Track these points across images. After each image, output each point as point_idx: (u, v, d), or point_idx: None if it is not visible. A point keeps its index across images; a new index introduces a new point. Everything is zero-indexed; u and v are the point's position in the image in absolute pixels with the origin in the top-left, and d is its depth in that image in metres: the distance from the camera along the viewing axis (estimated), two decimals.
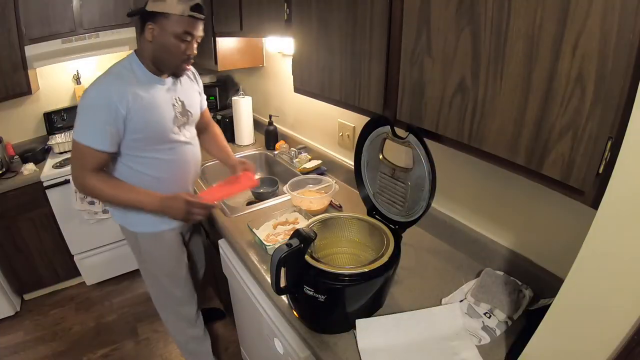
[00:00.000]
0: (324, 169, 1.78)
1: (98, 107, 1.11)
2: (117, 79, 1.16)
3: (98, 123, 1.12)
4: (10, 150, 2.29)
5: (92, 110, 1.11)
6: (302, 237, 0.87)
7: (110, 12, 2.20)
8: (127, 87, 1.15)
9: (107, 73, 1.17)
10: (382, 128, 0.98)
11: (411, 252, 1.21)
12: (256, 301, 1.14)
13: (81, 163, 1.16)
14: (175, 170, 1.33)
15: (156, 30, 1.14)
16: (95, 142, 1.13)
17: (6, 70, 2.02)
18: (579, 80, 0.54)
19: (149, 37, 1.15)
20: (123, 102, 1.13)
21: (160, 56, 1.18)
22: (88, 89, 1.13)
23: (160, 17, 1.12)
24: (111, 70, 1.18)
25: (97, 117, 1.11)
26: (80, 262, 2.35)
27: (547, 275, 0.98)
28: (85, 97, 1.12)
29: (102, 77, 1.16)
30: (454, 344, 0.87)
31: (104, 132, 1.13)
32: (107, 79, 1.15)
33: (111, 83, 1.14)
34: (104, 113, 1.11)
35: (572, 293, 0.58)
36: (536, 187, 0.74)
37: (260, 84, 2.32)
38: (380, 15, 0.86)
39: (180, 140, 1.30)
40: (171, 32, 1.13)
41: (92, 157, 1.15)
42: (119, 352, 1.99)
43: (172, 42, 1.15)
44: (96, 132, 1.12)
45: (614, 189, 0.50)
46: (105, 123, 1.12)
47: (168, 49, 1.16)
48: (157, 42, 1.15)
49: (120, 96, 1.12)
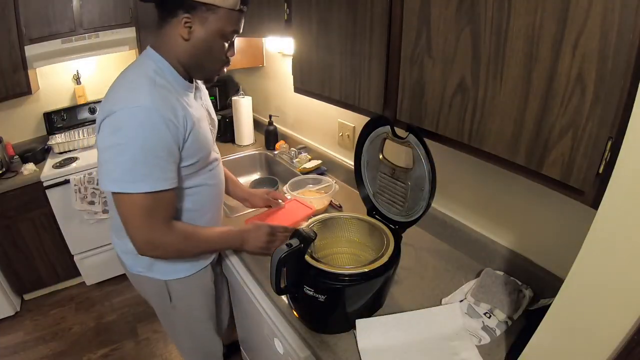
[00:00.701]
0: (324, 169, 1.78)
1: (155, 131, 0.82)
2: (156, 87, 0.85)
3: (160, 151, 0.83)
4: (10, 150, 2.29)
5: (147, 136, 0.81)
6: (302, 237, 0.87)
7: (110, 12, 2.20)
8: (171, 96, 0.87)
9: (137, 80, 0.86)
10: (382, 128, 0.98)
11: (411, 252, 1.21)
12: (256, 301, 1.14)
13: (150, 221, 0.86)
14: (215, 197, 1.11)
15: (196, 26, 0.86)
16: (165, 180, 0.85)
17: (6, 70, 2.02)
18: (579, 80, 0.54)
19: (185, 33, 0.86)
20: (178, 117, 0.86)
21: (198, 59, 0.91)
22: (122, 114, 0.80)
23: (203, 10, 0.84)
24: (139, 75, 0.87)
25: (158, 144, 0.82)
26: (80, 262, 2.35)
27: (547, 275, 0.98)
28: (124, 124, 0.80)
29: (134, 91, 0.83)
30: (454, 344, 0.87)
31: (169, 162, 0.86)
32: (145, 88, 0.83)
33: (153, 92, 0.84)
34: (165, 135, 0.83)
35: (572, 293, 0.58)
36: (536, 187, 0.74)
37: (260, 84, 2.32)
38: (380, 15, 0.86)
39: (217, 158, 1.09)
40: (217, 30, 0.87)
41: (165, 203, 0.88)
42: (119, 352, 1.99)
43: (217, 42, 0.90)
44: (161, 166, 0.84)
45: (614, 189, 0.50)
46: (169, 149, 0.85)
47: (210, 51, 0.90)
48: (197, 41, 0.88)
49: (172, 109, 0.85)
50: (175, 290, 1.15)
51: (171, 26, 0.87)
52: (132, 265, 1.12)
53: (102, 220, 2.25)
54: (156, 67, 0.89)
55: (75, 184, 2.09)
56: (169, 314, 1.22)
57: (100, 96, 2.58)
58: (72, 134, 2.46)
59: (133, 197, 0.83)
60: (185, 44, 0.89)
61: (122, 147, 0.81)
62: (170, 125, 0.84)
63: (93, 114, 2.55)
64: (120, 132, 0.81)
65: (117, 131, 0.81)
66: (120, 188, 0.83)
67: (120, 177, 0.82)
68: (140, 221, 0.86)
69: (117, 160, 0.82)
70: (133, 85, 0.85)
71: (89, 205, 2.16)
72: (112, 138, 0.82)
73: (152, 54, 0.91)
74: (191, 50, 0.90)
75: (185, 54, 0.90)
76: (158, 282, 1.12)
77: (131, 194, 0.83)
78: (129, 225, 0.88)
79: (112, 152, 0.82)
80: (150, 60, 0.91)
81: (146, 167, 0.82)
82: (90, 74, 2.57)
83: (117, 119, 0.81)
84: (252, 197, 1.37)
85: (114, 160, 0.82)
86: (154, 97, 0.83)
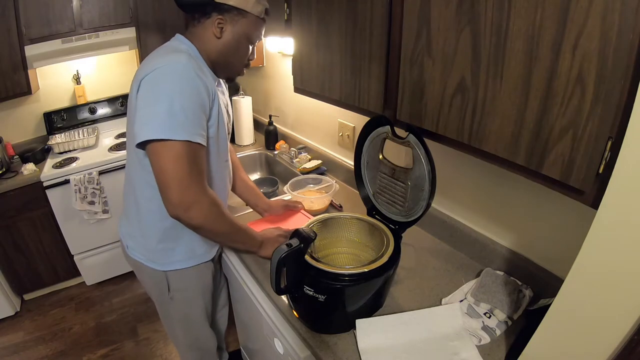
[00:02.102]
0: (324, 169, 1.78)
1: (193, 85, 0.87)
2: (193, 59, 0.92)
3: (195, 106, 0.87)
4: (10, 150, 2.29)
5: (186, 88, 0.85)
6: (302, 237, 0.87)
7: (110, 12, 2.20)
8: (204, 74, 0.93)
9: (174, 50, 0.93)
10: (382, 128, 0.98)
11: (411, 252, 1.21)
12: (256, 301, 1.14)
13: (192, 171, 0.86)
14: (222, 191, 1.13)
15: (227, 27, 0.96)
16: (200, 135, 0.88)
17: (6, 70, 2.02)
18: (579, 80, 0.54)
19: (217, 32, 0.96)
20: (210, 86, 0.92)
21: (225, 56, 1.00)
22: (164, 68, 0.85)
23: (235, 14, 0.95)
24: (174, 47, 0.95)
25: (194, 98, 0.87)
26: (80, 262, 2.35)
27: (547, 275, 0.98)
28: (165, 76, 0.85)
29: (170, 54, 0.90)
30: (454, 344, 0.87)
31: (202, 119, 0.89)
32: (182, 54, 0.89)
33: (190, 59, 0.90)
34: (201, 92, 0.88)
35: (572, 293, 0.58)
36: (536, 187, 0.74)
37: (260, 84, 2.32)
38: (380, 15, 0.86)
39: (228, 157, 1.13)
40: (245, 33, 0.98)
41: (201, 158, 0.89)
42: (119, 352, 1.99)
43: (244, 44, 1.00)
44: (196, 122, 0.87)
45: (614, 189, 0.50)
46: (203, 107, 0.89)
47: (237, 51, 1.00)
48: (227, 40, 0.98)
49: (205, 77, 0.91)
50: (174, 282, 1.15)
51: (204, 26, 0.97)
52: (135, 250, 1.12)
53: (102, 220, 2.25)
54: (188, 49, 0.96)
55: (75, 184, 2.09)
56: (166, 305, 1.23)
57: (101, 96, 2.61)
58: (72, 134, 2.46)
59: (173, 144, 0.83)
60: (217, 41, 0.98)
61: (162, 97, 0.84)
62: (203, 86, 0.89)
63: (93, 114, 2.55)
64: (160, 84, 0.85)
65: (157, 84, 0.85)
66: (159, 135, 0.82)
67: (159, 125, 0.83)
68: (179, 171, 0.84)
69: (156, 110, 0.83)
70: (170, 52, 0.92)
71: (89, 205, 2.16)
72: (152, 91, 0.86)
73: (182, 38, 0.99)
74: (221, 48, 0.99)
75: (215, 50, 0.99)
76: (157, 272, 1.12)
77: (170, 141, 0.83)
78: (167, 177, 0.84)
79: (152, 103, 0.84)
80: (183, 44, 0.98)
81: (184, 117, 0.84)
82: (90, 74, 2.57)
83: (157, 74, 0.86)
84: (272, 209, 1.38)
85: (153, 110, 0.84)
86: (190, 60, 0.89)
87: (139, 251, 1.12)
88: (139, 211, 1.06)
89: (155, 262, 1.11)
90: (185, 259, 1.13)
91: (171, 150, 0.84)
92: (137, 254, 1.12)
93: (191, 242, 1.12)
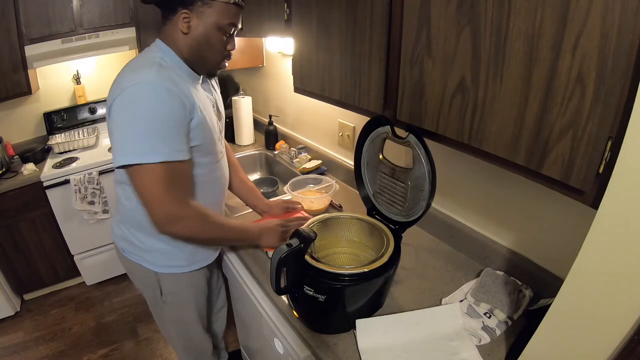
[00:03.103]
0: (324, 169, 1.78)
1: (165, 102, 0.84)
2: (162, 67, 0.88)
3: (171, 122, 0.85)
4: (10, 150, 2.29)
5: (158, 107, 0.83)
6: (302, 237, 0.87)
7: (110, 12, 2.20)
8: (179, 78, 0.91)
9: (144, 65, 0.89)
10: (382, 128, 0.98)
11: (411, 252, 1.21)
12: (256, 301, 1.14)
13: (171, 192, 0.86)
14: (217, 190, 1.12)
15: (194, 21, 0.91)
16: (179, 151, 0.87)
17: (6, 70, 2.02)
18: (579, 80, 0.54)
19: (184, 28, 0.91)
20: (184, 92, 0.89)
21: (198, 52, 0.96)
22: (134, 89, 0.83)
23: (199, 5, 0.90)
24: (144, 61, 0.91)
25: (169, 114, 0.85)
26: (80, 262, 2.35)
27: (547, 275, 0.98)
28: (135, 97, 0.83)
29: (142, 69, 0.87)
30: (454, 344, 0.87)
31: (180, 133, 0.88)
32: (151, 67, 0.87)
33: (159, 70, 0.87)
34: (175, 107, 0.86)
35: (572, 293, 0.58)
36: (536, 187, 0.74)
37: (260, 84, 2.32)
38: (380, 15, 0.86)
39: (221, 151, 1.11)
40: (214, 24, 0.92)
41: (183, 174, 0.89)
42: (119, 352, 1.99)
43: (215, 35, 0.94)
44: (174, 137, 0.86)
45: (614, 189, 0.50)
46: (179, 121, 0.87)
47: (209, 44, 0.95)
48: (196, 34, 0.93)
49: (179, 87, 0.88)
50: (166, 285, 1.14)
51: (172, 23, 0.93)
52: (128, 250, 1.11)
53: (102, 220, 2.25)
54: (162, 55, 0.94)
55: (75, 184, 2.09)
56: (159, 307, 1.23)
57: (101, 96, 2.61)
58: (72, 134, 2.46)
59: (149, 167, 0.84)
60: (186, 38, 0.93)
61: (133, 120, 0.83)
62: (176, 97, 0.86)
63: (93, 114, 2.55)
64: (130, 106, 0.84)
65: (127, 107, 0.84)
66: (135, 159, 0.83)
67: (134, 149, 0.83)
68: (158, 191, 0.86)
69: (129, 133, 0.84)
70: (139, 67, 0.89)
71: (89, 205, 2.16)
72: (123, 114, 0.85)
73: (159, 43, 0.96)
74: (192, 44, 0.94)
75: (187, 48, 0.95)
76: (150, 272, 1.11)
77: (147, 164, 0.83)
78: (147, 198, 0.87)
79: (125, 127, 0.84)
80: (156, 48, 0.96)
81: (158, 137, 0.84)
82: (90, 74, 2.57)
83: (125, 96, 0.84)
84: (272, 210, 1.36)
85: (127, 133, 0.84)
86: (159, 73, 0.86)
87: (135, 252, 1.11)
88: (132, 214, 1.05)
89: (150, 262, 1.10)
90: (180, 263, 1.12)
91: (148, 173, 0.85)
92: (128, 253, 1.12)
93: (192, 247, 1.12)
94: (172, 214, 0.88)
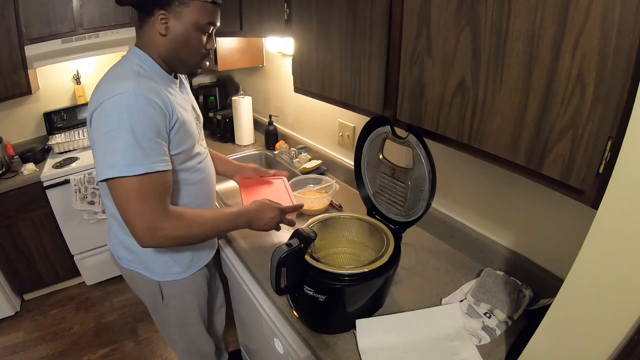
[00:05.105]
0: (324, 169, 1.78)
1: (143, 113, 0.83)
2: (140, 76, 0.88)
3: (150, 133, 0.84)
4: (10, 150, 2.29)
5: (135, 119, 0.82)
6: (302, 237, 0.87)
7: (110, 12, 2.20)
8: (157, 85, 0.90)
9: (121, 76, 0.88)
10: (382, 128, 0.98)
11: (411, 252, 1.21)
12: (256, 301, 1.14)
13: (149, 205, 0.85)
14: (204, 190, 1.11)
15: (172, 21, 0.90)
16: (159, 162, 0.85)
17: (6, 70, 2.02)
18: (579, 80, 0.54)
19: (162, 29, 0.90)
20: (165, 102, 0.88)
21: (177, 52, 0.94)
22: (111, 101, 0.82)
23: (176, 5, 0.89)
24: (122, 71, 0.90)
25: (147, 126, 0.83)
26: (80, 262, 2.35)
27: (547, 275, 0.98)
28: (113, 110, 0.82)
29: (119, 81, 0.86)
30: (454, 344, 0.87)
31: (160, 144, 0.86)
32: (129, 78, 0.86)
33: (137, 79, 0.86)
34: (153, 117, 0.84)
35: (572, 293, 0.58)
36: (536, 187, 0.74)
37: (260, 84, 2.32)
38: (380, 15, 0.86)
39: (202, 152, 1.10)
40: (192, 23, 0.91)
41: (161, 186, 0.87)
42: (119, 352, 1.99)
43: (194, 35, 0.92)
44: (153, 148, 0.84)
45: (614, 189, 0.50)
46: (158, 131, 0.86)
47: (188, 44, 0.93)
48: (174, 35, 0.91)
49: (157, 94, 0.87)
50: (168, 291, 1.14)
51: (149, 25, 0.92)
52: (126, 260, 1.11)
53: (102, 220, 2.25)
54: (139, 62, 0.93)
55: (75, 184, 2.09)
56: (160, 312, 1.22)
57: None
58: (72, 134, 2.46)
59: (128, 180, 0.82)
60: (164, 39, 0.93)
61: (113, 133, 0.82)
62: (157, 107, 0.85)
63: None
64: (109, 119, 0.82)
65: (105, 120, 0.83)
66: (115, 173, 0.82)
67: (114, 162, 0.82)
68: (137, 206, 0.84)
69: (109, 147, 0.82)
70: (117, 77, 0.88)
71: (89, 205, 2.16)
72: (102, 128, 0.83)
73: (135, 50, 0.95)
74: (170, 45, 0.93)
75: (165, 49, 0.94)
76: (151, 281, 1.11)
77: (126, 178, 0.82)
78: (127, 212, 0.85)
79: (104, 140, 0.83)
80: (133, 56, 0.95)
81: (138, 149, 0.82)
82: (90, 74, 2.57)
83: (104, 108, 0.83)
84: (242, 169, 1.36)
85: (106, 147, 0.83)
86: (138, 83, 0.85)
87: (134, 261, 1.10)
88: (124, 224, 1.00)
89: (149, 271, 1.10)
90: (179, 269, 1.12)
91: (127, 186, 0.83)
92: (130, 264, 1.11)
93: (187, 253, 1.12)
94: (151, 228, 0.86)
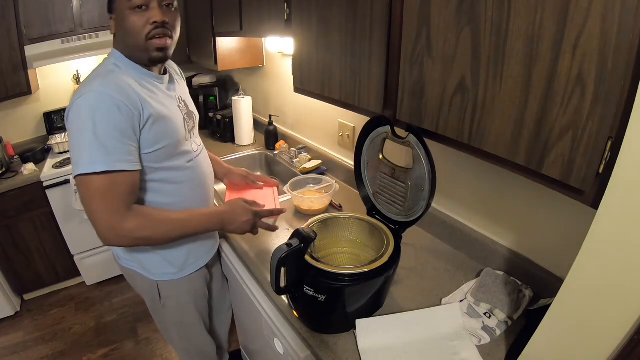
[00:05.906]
0: (324, 169, 1.78)
1: (106, 112, 0.83)
2: (111, 76, 0.89)
3: (112, 132, 0.84)
4: (10, 150, 2.29)
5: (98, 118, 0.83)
6: (302, 237, 0.87)
7: None
8: (129, 82, 0.91)
9: (93, 76, 0.90)
10: (382, 128, 0.98)
11: (411, 252, 1.21)
12: (256, 301, 1.14)
13: (110, 204, 0.85)
14: (196, 189, 1.10)
15: (115, 17, 0.95)
16: (122, 161, 0.85)
17: (6, 70, 2.02)
18: (579, 80, 0.54)
19: (113, 28, 0.97)
20: (133, 101, 0.87)
21: (127, 43, 0.95)
22: (78, 102, 0.84)
23: (113, 2, 0.94)
24: (97, 72, 0.93)
25: (109, 125, 0.84)
26: (80, 262, 2.35)
27: (547, 275, 0.98)
28: (79, 110, 0.83)
29: (90, 81, 0.88)
30: (454, 344, 0.87)
31: (125, 143, 0.86)
32: (99, 77, 0.88)
33: (106, 78, 0.88)
34: (117, 116, 0.84)
35: (572, 293, 0.58)
36: (536, 187, 0.74)
37: (260, 84, 2.32)
38: (380, 15, 0.86)
39: (194, 149, 1.09)
40: (123, 9, 0.92)
41: (124, 185, 0.87)
42: (119, 352, 1.99)
43: (130, 17, 0.92)
44: (117, 147, 0.84)
45: (614, 189, 0.50)
46: (122, 130, 0.85)
47: (128, 30, 0.93)
48: (119, 27, 0.95)
49: (125, 93, 0.87)
50: (165, 291, 1.15)
51: (113, 27, 0.99)
52: (125, 259, 1.13)
53: None
54: (115, 60, 0.97)
55: (75, 183, 2.09)
56: (159, 312, 1.23)
57: None
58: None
59: (90, 178, 0.83)
60: (117, 37, 0.98)
61: (79, 132, 0.84)
62: (123, 107, 0.85)
63: None
64: (76, 119, 0.84)
65: (74, 119, 0.85)
66: (78, 170, 0.83)
67: (78, 160, 0.83)
68: (98, 204, 0.85)
69: (76, 145, 0.85)
70: (90, 78, 0.91)
71: None
72: (72, 127, 0.86)
73: (113, 50, 1.00)
74: (121, 38, 0.97)
75: (122, 44, 0.98)
76: (149, 280, 1.13)
77: (88, 175, 0.83)
78: (89, 210, 0.86)
79: (72, 140, 0.85)
80: (110, 55, 0.99)
81: (101, 147, 0.83)
82: None
83: (72, 108, 0.85)
84: (231, 174, 1.35)
85: (74, 146, 0.85)
86: (106, 82, 0.87)
87: (132, 260, 1.11)
88: None
89: (146, 271, 1.11)
90: (174, 269, 1.13)
91: (89, 185, 0.84)
92: (127, 262, 1.13)
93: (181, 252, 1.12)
94: (112, 227, 0.86)
